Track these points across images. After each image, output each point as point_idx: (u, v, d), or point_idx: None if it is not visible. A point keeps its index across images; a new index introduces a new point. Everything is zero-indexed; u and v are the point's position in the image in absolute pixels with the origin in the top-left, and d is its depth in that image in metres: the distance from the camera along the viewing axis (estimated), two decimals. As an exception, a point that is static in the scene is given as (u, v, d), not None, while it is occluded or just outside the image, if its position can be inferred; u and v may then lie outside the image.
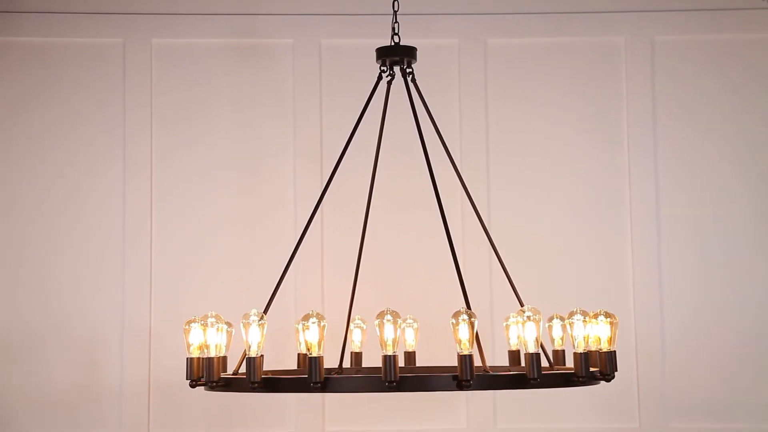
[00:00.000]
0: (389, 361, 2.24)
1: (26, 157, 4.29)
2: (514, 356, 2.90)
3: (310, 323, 2.31)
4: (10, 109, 4.31)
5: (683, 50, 4.39)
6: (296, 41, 4.38)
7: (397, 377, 2.23)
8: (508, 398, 4.16)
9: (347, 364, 3.14)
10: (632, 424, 4.19)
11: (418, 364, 3.13)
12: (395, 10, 3.01)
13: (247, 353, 2.36)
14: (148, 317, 4.20)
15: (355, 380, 2.46)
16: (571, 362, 2.51)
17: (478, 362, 2.39)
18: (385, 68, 2.99)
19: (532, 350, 2.33)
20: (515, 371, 2.68)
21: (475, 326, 2.30)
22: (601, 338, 2.48)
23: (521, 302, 2.74)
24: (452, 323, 2.29)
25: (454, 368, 2.36)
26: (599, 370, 2.46)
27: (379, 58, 2.97)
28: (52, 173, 4.29)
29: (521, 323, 2.40)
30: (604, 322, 2.48)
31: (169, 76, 4.36)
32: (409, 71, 2.98)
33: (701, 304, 4.26)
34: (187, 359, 2.51)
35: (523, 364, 2.49)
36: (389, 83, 3.00)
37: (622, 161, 4.34)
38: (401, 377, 2.26)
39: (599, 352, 2.47)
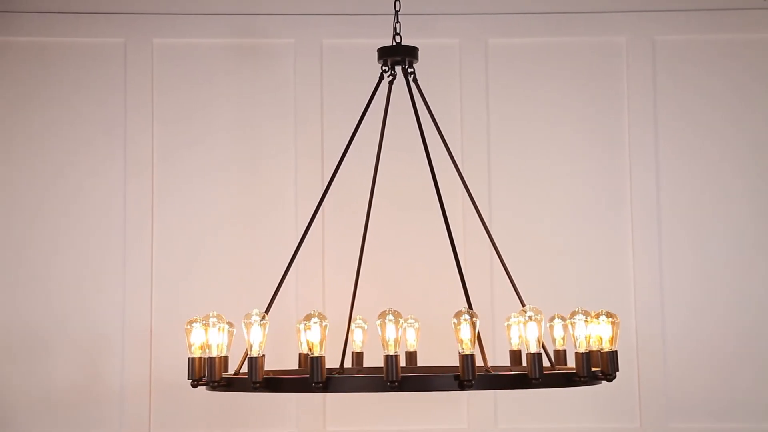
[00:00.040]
0: (391, 360, 2.24)
1: (26, 157, 4.28)
2: (515, 356, 2.90)
3: (311, 323, 2.31)
4: (10, 109, 4.31)
5: (684, 50, 4.39)
6: (297, 41, 4.38)
7: (399, 377, 2.23)
8: (508, 398, 4.16)
9: (348, 364, 3.14)
10: (633, 424, 4.19)
11: (418, 364, 3.13)
12: (397, 9, 3.00)
13: (248, 353, 2.36)
14: (148, 317, 4.19)
15: (357, 380, 2.45)
16: (572, 362, 2.51)
17: (479, 362, 2.39)
18: (386, 68, 2.98)
19: (533, 350, 2.33)
20: (517, 371, 2.68)
21: (476, 326, 2.29)
22: (602, 338, 2.47)
23: (522, 302, 2.74)
24: (454, 323, 2.29)
25: (455, 368, 2.36)
26: (601, 370, 2.46)
27: (380, 57, 2.96)
28: (52, 173, 4.28)
29: (523, 323, 2.40)
30: (605, 322, 2.48)
31: (170, 75, 4.36)
32: (410, 71, 2.97)
33: (702, 303, 4.26)
34: (188, 359, 2.51)
35: (524, 363, 2.49)
36: (390, 83, 3.00)
37: (622, 161, 4.34)
38: (403, 377, 2.25)
39: (601, 352, 2.47)
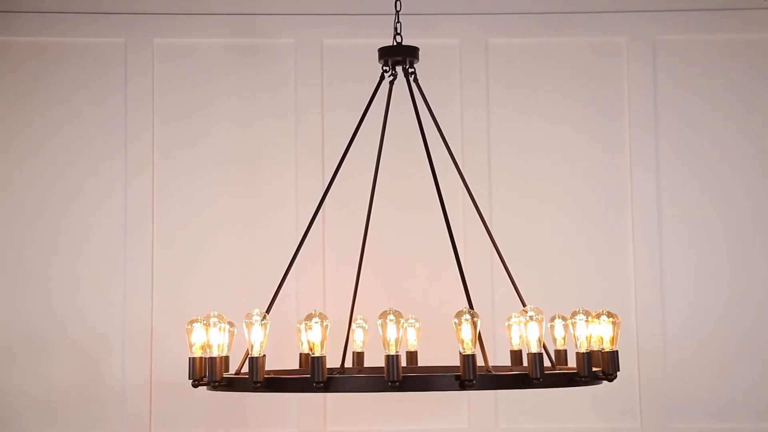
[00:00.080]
0: (392, 360, 2.23)
1: (26, 157, 4.28)
2: (515, 356, 2.89)
3: (312, 323, 2.31)
4: (10, 109, 4.30)
5: (684, 50, 4.39)
6: (298, 41, 4.37)
7: (400, 377, 2.23)
8: (509, 398, 4.16)
9: (349, 364, 3.14)
10: (634, 423, 4.18)
11: (419, 364, 3.13)
12: (398, 9, 2.99)
13: (249, 353, 2.36)
14: (149, 317, 4.19)
15: (358, 380, 2.46)
16: (573, 362, 2.51)
17: (480, 362, 2.39)
18: (387, 68, 2.98)
19: (534, 350, 2.33)
20: (518, 371, 2.68)
21: (477, 326, 2.29)
22: (603, 338, 2.47)
23: (523, 302, 2.73)
24: (455, 323, 2.29)
25: (455, 368, 2.36)
26: (602, 370, 2.46)
27: (381, 57, 2.96)
28: (52, 173, 4.28)
29: (524, 323, 2.40)
30: (606, 321, 2.47)
31: (170, 75, 4.36)
32: (411, 71, 2.97)
33: (703, 303, 4.26)
34: (189, 359, 2.51)
35: (525, 363, 2.49)
36: (391, 83, 3.00)
37: (623, 161, 4.34)
38: (404, 377, 2.25)
39: (601, 351, 2.46)
